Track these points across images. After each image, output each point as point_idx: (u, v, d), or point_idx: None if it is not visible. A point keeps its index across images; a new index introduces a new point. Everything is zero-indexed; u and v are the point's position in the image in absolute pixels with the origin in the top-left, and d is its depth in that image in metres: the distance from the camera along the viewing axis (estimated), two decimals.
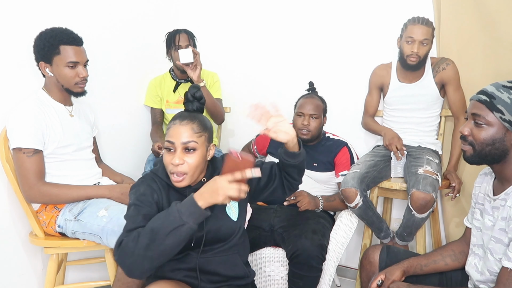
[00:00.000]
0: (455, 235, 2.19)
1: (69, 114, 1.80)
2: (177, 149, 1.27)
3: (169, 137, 1.28)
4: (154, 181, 1.34)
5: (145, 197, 1.28)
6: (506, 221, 1.20)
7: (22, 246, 1.84)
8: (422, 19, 2.00)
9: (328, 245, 1.86)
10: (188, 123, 1.28)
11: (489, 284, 1.28)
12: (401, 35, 2.08)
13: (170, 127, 1.30)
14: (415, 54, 2.01)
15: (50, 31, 1.67)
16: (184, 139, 1.26)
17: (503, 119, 1.18)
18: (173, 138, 1.27)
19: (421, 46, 2.00)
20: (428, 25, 2.00)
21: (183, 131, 1.27)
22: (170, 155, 1.28)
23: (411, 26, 2.01)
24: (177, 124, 1.29)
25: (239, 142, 2.58)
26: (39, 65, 1.69)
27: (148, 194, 1.29)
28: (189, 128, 1.28)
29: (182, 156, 1.27)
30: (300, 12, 2.51)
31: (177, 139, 1.27)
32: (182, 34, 2.30)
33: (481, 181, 1.39)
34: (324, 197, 2.05)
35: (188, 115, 1.32)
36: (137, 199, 1.27)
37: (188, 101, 1.36)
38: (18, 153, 1.61)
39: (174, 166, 1.26)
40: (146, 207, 1.26)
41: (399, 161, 2.08)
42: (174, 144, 1.27)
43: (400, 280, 1.42)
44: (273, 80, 2.65)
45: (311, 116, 2.06)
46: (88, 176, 1.85)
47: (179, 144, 1.27)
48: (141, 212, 1.24)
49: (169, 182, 1.34)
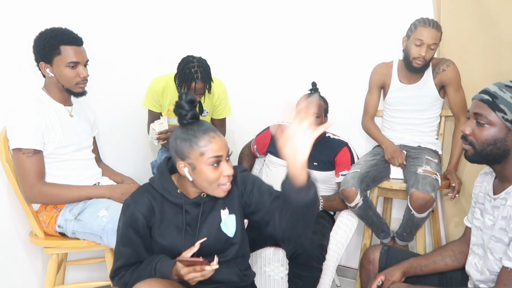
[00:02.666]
0: (455, 235, 2.19)
1: (69, 114, 1.80)
2: (223, 160, 1.26)
3: (216, 152, 1.23)
4: (146, 197, 1.33)
5: (131, 221, 1.31)
6: (506, 221, 1.20)
7: (22, 246, 1.84)
8: (433, 22, 1.96)
9: (328, 245, 1.86)
10: (219, 133, 1.28)
11: (489, 283, 1.28)
12: (408, 35, 2.02)
13: (209, 142, 1.23)
14: (422, 57, 1.97)
15: (50, 31, 1.66)
16: (226, 148, 1.27)
17: (505, 118, 1.18)
18: (220, 152, 1.24)
19: (429, 50, 1.97)
20: (438, 29, 1.96)
21: (224, 142, 1.27)
22: (217, 169, 1.25)
23: (422, 28, 1.95)
24: (216, 138, 1.25)
25: (239, 142, 2.58)
26: (39, 65, 1.69)
27: (134, 219, 1.31)
28: (223, 137, 1.28)
29: (230, 164, 1.28)
30: (301, 12, 2.51)
31: (224, 151, 1.26)
32: (199, 84, 2.04)
33: (482, 181, 1.39)
34: (324, 197, 2.05)
35: (205, 124, 1.28)
36: (126, 222, 1.31)
37: (187, 111, 1.25)
38: (18, 153, 1.61)
39: (228, 177, 1.27)
40: (133, 236, 1.30)
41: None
42: (221, 157, 1.26)
43: (400, 281, 1.42)
44: (274, 80, 2.65)
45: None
46: (88, 176, 1.85)
47: (225, 156, 1.26)
48: (129, 244, 1.31)
49: (166, 195, 1.32)
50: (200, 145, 1.23)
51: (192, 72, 2.02)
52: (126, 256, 1.32)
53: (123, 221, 1.33)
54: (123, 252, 1.32)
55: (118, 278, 1.33)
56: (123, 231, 1.32)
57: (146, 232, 1.32)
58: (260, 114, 2.68)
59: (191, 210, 1.33)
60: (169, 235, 1.32)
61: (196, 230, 1.33)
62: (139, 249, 1.32)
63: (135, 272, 1.30)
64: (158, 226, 1.33)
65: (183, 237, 1.31)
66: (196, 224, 1.33)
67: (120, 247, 1.33)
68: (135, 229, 1.31)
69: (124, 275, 1.32)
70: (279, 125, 1.13)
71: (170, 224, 1.33)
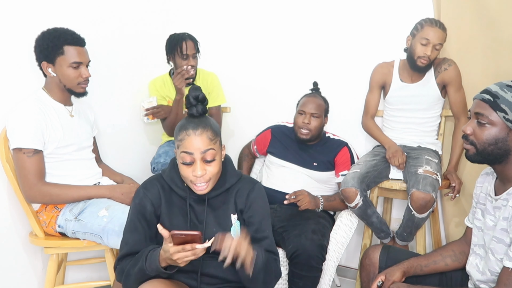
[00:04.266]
0: (455, 235, 2.19)
1: (69, 114, 1.80)
2: (196, 160, 1.23)
3: (186, 148, 1.22)
4: (156, 185, 1.34)
5: (140, 208, 1.32)
6: (508, 221, 1.20)
7: (22, 246, 1.84)
8: (440, 23, 1.97)
9: (328, 245, 1.86)
10: (202, 132, 1.23)
11: (490, 284, 1.28)
12: (414, 34, 2.02)
13: (183, 138, 1.23)
14: (427, 56, 1.97)
15: (53, 31, 1.66)
16: (203, 149, 1.23)
17: (507, 118, 1.18)
18: (191, 149, 1.22)
19: (434, 50, 1.97)
20: (444, 30, 1.97)
21: (199, 141, 1.22)
22: (189, 168, 1.24)
23: (429, 28, 1.95)
24: (191, 135, 1.23)
25: (239, 142, 2.58)
26: (41, 65, 1.69)
27: (143, 205, 1.31)
28: (205, 137, 1.23)
29: (203, 166, 1.24)
30: (301, 12, 2.51)
31: (195, 150, 1.22)
32: (188, 41, 2.20)
33: (483, 181, 1.39)
34: (325, 197, 2.05)
35: (199, 122, 1.26)
36: (135, 208, 1.32)
37: (191, 105, 1.29)
38: (18, 153, 1.61)
39: (197, 177, 1.24)
40: (139, 223, 1.31)
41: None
42: (193, 155, 1.23)
43: (400, 280, 1.42)
44: (275, 80, 2.65)
45: (312, 115, 2.07)
46: (88, 176, 1.85)
47: (198, 156, 1.23)
48: (135, 231, 1.31)
49: (173, 187, 1.33)
50: (178, 139, 1.27)
51: (179, 35, 2.23)
52: (131, 243, 1.30)
53: (132, 207, 1.34)
54: (128, 239, 1.31)
55: (120, 266, 1.31)
56: (131, 218, 1.33)
57: (153, 220, 1.32)
58: (260, 114, 2.68)
59: (195, 205, 1.34)
60: (177, 224, 1.32)
61: (204, 225, 1.32)
62: (143, 237, 1.31)
63: (133, 260, 1.28)
64: (166, 214, 1.33)
65: (188, 229, 1.31)
66: (203, 220, 1.33)
67: (126, 233, 1.33)
68: (143, 215, 1.31)
69: (123, 263, 1.30)
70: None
71: (178, 214, 1.33)
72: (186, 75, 2.18)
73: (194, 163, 1.24)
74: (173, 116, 2.25)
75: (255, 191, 1.37)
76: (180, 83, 2.18)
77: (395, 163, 2.03)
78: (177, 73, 2.20)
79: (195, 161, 1.24)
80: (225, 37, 2.75)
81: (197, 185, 1.26)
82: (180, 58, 2.22)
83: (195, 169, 1.23)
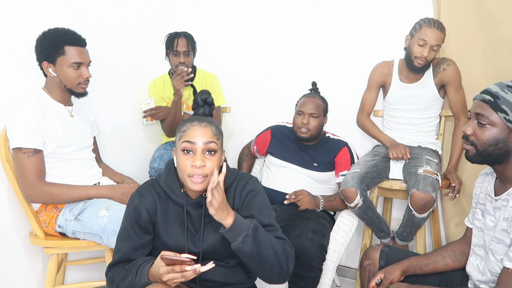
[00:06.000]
0: (455, 235, 2.19)
1: (69, 114, 1.80)
2: (197, 151, 1.23)
3: (189, 138, 1.23)
4: (152, 192, 1.33)
5: (135, 215, 1.30)
6: (508, 222, 1.20)
7: (22, 246, 1.84)
8: (438, 24, 1.96)
9: (328, 245, 1.86)
10: (207, 125, 1.25)
11: (490, 284, 1.28)
12: (412, 34, 2.02)
13: (188, 129, 1.25)
14: (424, 57, 1.97)
15: (54, 31, 1.66)
16: (206, 139, 1.23)
17: (507, 119, 1.18)
18: (194, 138, 1.23)
19: (431, 51, 1.97)
20: (442, 30, 1.97)
21: (204, 132, 1.24)
22: (188, 158, 1.23)
23: (426, 29, 1.95)
24: (196, 126, 1.24)
25: (239, 142, 2.58)
26: (41, 65, 1.69)
27: (138, 212, 1.30)
28: (209, 130, 1.25)
29: (203, 158, 1.23)
30: (301, 12, 2.51)
31: (198, 139, 1.23)
32: (181, 38, 2.26)
33: (482, 181, 1.39)
34: (325, 197, 2.05)
35: (205, 118, 1.29)
36: (129, 215, 1.31)
37: (198, 105, 1.33)
38: (18, 153, 1.61)
39: (195, 168, 1.22)
40: (132, 231, 1.30)
41: (397, 163, 2.07)
42: (194, 145, 1.22)
43: (399, 279, 1.42)
44: (274, 80, 2.65)
45: (311, 115, 2.07)
46: (88, 176, 1.85)
47: (200, 146, 1.23)
48: (128, 239, 1.29)
49: (170, 193, 1.31)
50: (181, 130, 1.27)
51: (176, 32, 2.29)
52: (123, 250, 1.29)
53: (127, 213, 1.32)
54: (121, 247, 1.30)
55: (110, 274, 1.31)
56: (125, 224, 1.32)
57: (148, 227, 1.31)
58: (260, 114, 2.68)
59: (192, 211, 1.32)
60: (174, 233, 1.31)
61: (201, 233, 1.31)
62: (136, 244, 1.29)
63: (123, 271, 1.26)
64: (162, 223, 1.32)
65: (185, 238, 1.30)
66: (200, 226, 1.31)
67: (119, 241, 1.32)
68: (137, 223, 1.30)
69: (114, 271, 1.29)
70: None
71: (174, 223, 1.32)
72: (185, 76, 2.19)
73: (194, 154, 1.23)
74: (171, 117, 2.26)
75: (248, 186, 1.35)
76: (179, 85, 2.19)
77: (398, 154, 2.02)
78: (177, 74, 2.21)
79: (195, 152, 1.23)
80: (225, 37, 2.75)
81: (193, 178, 1.23)
82: (172, 55, 2.27)
83: (195, 159, 1.22)
